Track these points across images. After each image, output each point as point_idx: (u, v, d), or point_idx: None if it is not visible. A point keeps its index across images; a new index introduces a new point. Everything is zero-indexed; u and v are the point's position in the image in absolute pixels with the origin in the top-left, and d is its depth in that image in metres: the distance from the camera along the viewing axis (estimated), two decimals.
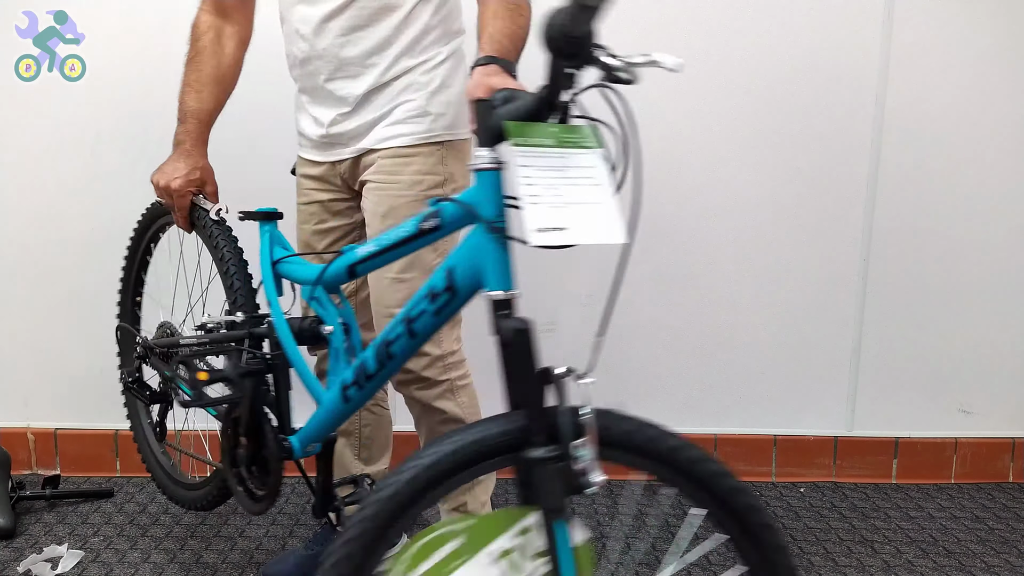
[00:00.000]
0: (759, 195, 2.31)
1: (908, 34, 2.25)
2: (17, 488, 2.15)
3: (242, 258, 1.56)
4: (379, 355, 1.22)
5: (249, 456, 1.45)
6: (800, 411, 2.45)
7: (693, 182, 2.26)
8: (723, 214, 2.33)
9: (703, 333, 2.37)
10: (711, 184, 2.30)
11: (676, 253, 2.34)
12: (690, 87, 2.26)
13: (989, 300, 2.40)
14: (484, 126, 1.04)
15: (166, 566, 1.90)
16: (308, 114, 1.63)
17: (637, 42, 2.23)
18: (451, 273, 1.11)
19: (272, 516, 2.17)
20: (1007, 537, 2.12)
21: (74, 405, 2.35)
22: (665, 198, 2.32)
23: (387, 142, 1.56)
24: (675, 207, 2.31)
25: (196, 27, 1.64)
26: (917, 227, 2.36)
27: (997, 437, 2.46)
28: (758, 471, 2.47)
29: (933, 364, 2.43)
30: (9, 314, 2.34)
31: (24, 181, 2.27)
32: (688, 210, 2.32)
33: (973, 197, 2.35)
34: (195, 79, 1.61)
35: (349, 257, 1.30)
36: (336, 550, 0.94)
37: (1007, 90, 2.30)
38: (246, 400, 1.39)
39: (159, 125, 2.19)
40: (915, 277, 2.38)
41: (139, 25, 2.18)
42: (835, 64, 2.27)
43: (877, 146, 2.30)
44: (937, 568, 1.96)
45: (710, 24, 2.24)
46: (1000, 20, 2.27)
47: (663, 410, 2.40)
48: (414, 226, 1.19)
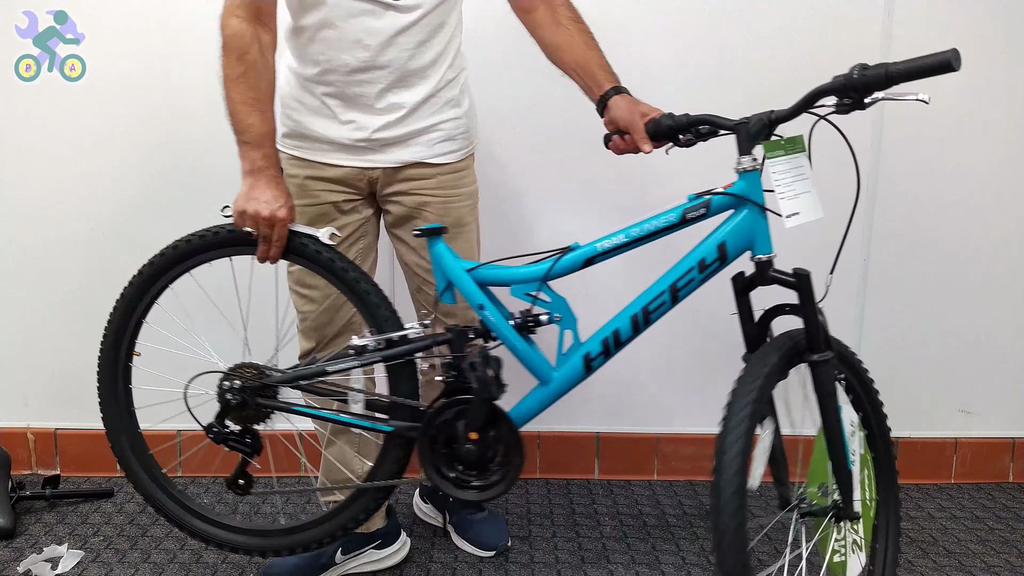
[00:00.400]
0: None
1: (908, 34, 2.25)
2: (17, 488, 2.15)
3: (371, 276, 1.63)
4: (635, 322, 1.51)
5: (479, 449, 1.55)
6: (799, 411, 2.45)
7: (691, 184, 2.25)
8: None
9: (709, 333, 2.35)
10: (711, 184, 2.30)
11: None
12: (690, 88, 2.26)
13: (989, 300, 2.40)
14: (746, 142, 1.46)
15: (166, 566, 1.91)
16: (338, 119, 1.65)
17: (635, 45, 2.24)
18: (723, 246, 1.47)
19: (272, 517, 2.16)
20: (1007, 537, 2.13)
21: (74, 405, 2.35)
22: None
23: (443, 157, 1.71)
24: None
25: (236, 37, 1.50)
26: (917, 227, 2.36)
27: (997, 437, 2.46)
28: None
29: (933, 364, 2.43)
30: (9, 314, 2.34)
31: (24, 181, 2.26)
32: None
33: (973, 197, 2.35)
34: (254, 98, 1.51)
35: (588, 250, 1.50)
36: (732, 437, 1.34)
37: (1007, 90, 2.30)
38: (483, 395, 1.52)
39: (159, 125, 2.22)
40: (915, 277, 2.38)
41: (139, 25, 2.18)
42: (835, 64, 2.23)
43: (877, 146, 2.30)
44: (937, 568, 1.96)
45: (710, 24, 2.24)
46: (1000, 20, 2.27)
47: (659, 411, 2.41)
48: (677, 216, 1.48)
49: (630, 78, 1.67)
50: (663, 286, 1.50)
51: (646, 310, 1.51)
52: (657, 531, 2.13)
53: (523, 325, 1.54)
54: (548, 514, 2.21)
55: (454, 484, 1.58)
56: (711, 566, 1.95)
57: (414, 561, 1.95)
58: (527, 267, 1.54)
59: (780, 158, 1.46)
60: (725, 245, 1.48)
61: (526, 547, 2.04)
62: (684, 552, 2.02)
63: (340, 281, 1.59)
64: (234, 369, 1.59)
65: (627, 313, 1.52)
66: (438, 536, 2.07)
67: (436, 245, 1.57)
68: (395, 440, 1.61)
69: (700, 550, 2.04)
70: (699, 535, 2.11)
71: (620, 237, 1.50)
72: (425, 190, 1.72)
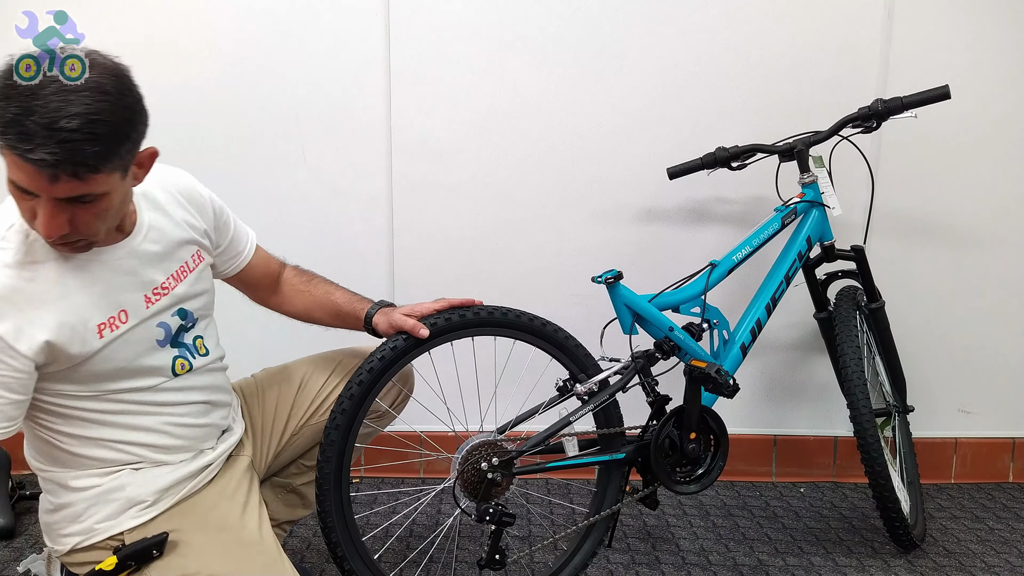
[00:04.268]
0: (761, 194, 2.30)
1: (908, 34, 2.25)
2: (17, 488, 2.15)
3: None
4: (768, 309, 1.91)
5: (700, 444, 1.79)
6: (800, 411, 2.46)
7: (693, 178, 2.25)
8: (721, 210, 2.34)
9: None
10: (709, 183, 2.30)
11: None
12: (689, 87, 2.26)
13: (989, 300, 2.40)
14: (805, 162, 1.98)
15: None
16: None
17: (636, 40, 2.24)
18: (809, 239, 1.97)
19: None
20: (1007, 537, 2.12)
21: None
22: (659, 207, 2.31)
23: None
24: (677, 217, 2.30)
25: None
26: (917, 227, 2.36)
27: (997, 437, 2.46)
28: (758, 471, 2.47)
29: (933, 364, 2.42)
30: None
31: None
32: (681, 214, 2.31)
33: (973, 197, 2.34)
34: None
35: (728, 263, 1.84)
36: (856, 369, 1.88)
37: (1007, 90, 2.30)
38: (696, 397, 1.77)
39: (158, 125, 2.19)
40: (915, 277, 2.38)
41: (139, 25, 2.19)
42: (835, 64, 2.27)
43: (877, 146, 2.30)
44: (937, 568, 1.96)
45: (710, 24, 2.24)
46: (1000, 20, 2.27)
47: None
48: (779, 223, 1.93)
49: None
50: (780, 277, 1.93)
51: (773, 297, 1.92)
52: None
53: (696, 334, 1.81)
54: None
55: (680, 483, 1.78)
56: (710, 566, 1.94)
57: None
58: (688, 288, 1.81)
59: (823, 169, 2.01)
60: (810, 238, 1.98)
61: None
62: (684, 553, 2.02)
63: (538, 337, 1.68)
64: (474, 450, 1.61)
65: (761, 304, 1.91)
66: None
67: (619, 288, 1.74)
68: (615, 467, 1.76)
69: (700, 549, 2.03)
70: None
71: (746, 248, 1.88)
72: None
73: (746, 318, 1.91)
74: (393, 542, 1.99)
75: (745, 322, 1.90)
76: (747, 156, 2.03)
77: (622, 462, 1.75)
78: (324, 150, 2.28)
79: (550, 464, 1.67)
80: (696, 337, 1.81)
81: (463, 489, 1.60)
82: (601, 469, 1.78)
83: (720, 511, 2.26)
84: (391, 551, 1.95)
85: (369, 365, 1.57)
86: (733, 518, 2.21)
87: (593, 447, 1.76)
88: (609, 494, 1.77)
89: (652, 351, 1.77)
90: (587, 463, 1.72)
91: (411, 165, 2.29)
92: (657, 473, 1.74)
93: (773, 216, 1.94)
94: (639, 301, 1.75)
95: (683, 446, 1.77)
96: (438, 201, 2.32)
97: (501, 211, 2.33)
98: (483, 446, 1.61)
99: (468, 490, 1.60)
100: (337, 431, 1.55)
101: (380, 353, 1.57)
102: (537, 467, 1.66)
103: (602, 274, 1.71)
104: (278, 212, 2.28)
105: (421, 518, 2.15)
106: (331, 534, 1.56)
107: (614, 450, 1.74)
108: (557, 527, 2.12)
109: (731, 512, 2.25)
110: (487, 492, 1.59)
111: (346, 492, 1.57)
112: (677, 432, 1.77)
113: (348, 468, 1.57)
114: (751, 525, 2.16)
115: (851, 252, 2.05)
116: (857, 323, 1.99)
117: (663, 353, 1.76)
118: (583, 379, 1.70)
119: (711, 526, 2.15)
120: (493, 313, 1.63)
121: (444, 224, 2.33)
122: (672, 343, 1.77)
